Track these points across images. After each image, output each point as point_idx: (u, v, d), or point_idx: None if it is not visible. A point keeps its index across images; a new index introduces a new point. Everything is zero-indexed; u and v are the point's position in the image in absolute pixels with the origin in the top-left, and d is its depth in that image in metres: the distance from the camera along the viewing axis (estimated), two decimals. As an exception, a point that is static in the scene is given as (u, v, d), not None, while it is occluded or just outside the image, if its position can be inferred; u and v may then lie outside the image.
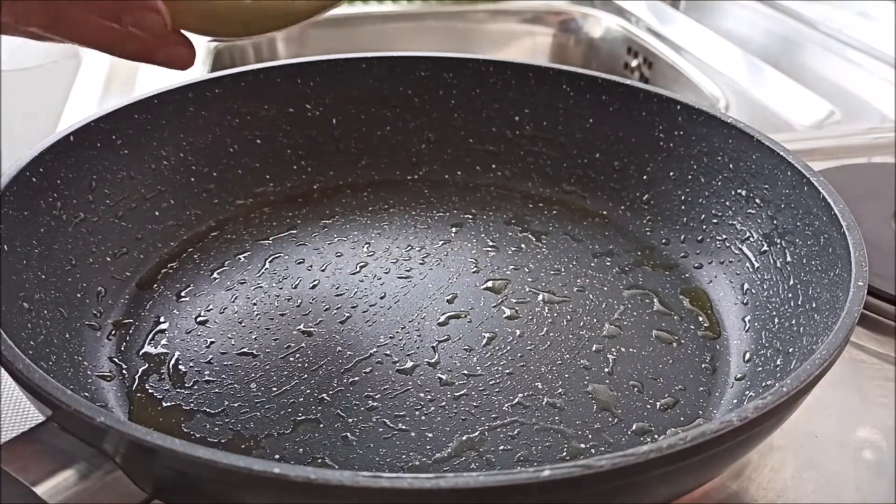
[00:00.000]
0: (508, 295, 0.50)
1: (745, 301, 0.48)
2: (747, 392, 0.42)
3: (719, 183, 0.53)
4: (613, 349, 0.46)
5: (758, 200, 0.51)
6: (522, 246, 0.55)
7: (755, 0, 1.15)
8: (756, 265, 0.49)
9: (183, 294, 0.49)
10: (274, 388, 0.43)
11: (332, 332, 0.47)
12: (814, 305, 0.43)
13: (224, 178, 0.57)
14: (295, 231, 0.55)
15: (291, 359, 0.45)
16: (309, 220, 0.56)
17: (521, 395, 0.43)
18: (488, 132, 0.61)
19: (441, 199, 0.59)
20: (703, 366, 0.45)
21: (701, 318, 0.49)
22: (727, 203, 0.53)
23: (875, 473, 0.43)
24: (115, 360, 0.44)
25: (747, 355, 0.45)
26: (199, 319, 0.47)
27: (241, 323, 0.47)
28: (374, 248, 0.54)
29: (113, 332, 0.46)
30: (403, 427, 0.41)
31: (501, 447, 0.40)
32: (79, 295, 0.46)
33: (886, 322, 0.53)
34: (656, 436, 0.41)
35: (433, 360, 0.45)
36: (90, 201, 0.49)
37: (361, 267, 0.52)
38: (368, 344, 0.46)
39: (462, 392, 0.43)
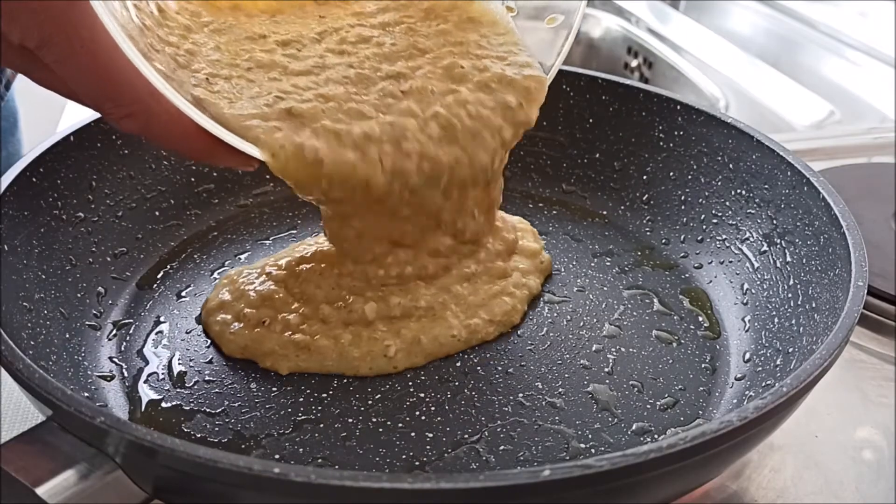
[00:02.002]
0: (508, 295, 0.50)
1: (745, 301, 0.48)
2: (747, 392, 0.42)
3: (719, 183, 0.53)
4: (613, 349, 0.46)
5: (758, 200, 0.51)
6: (522, 246, 0.55)
7: (755, 0, 1.15)
8: (756, 265, 0.49)
9: (183, 294, 0.49)
10: (274, 389, 0.43)
11: (332, 332, 0.47)
12: (814, 305, 0.43)
13: (224, 178, 0.57)
14: (295, 231, 0.55)
15: (291, 359, 0.45)
16: (309, 220, 0.56)
17: (521, 395, 0.43)
18: (488, 132, 0.61)
19: (441, 199, 0.59)
20: (703, 366, 0.45)
21: (701, 318, 0.49)
22: (727, 203, 0.53)
23: (875, 473, 0.43)
24: (115, 360, 0.44)
25: (747, 355, 0.45)
26: (199, 319, 0.47)
27: (241, 323, 0.47)
28: (374, 248, 0.54)
29: (113, 332, 0.46)
30: (403, 427, 0.41)
31: (501, 447, 0.40)
32: (79, 295, 0.46)
33: (886, 322, 0.53)
34: (656, 436, 0.41)
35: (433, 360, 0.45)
36: (90, 201, 0.49)
37: (361, 267, 0.52)
38: (368, 344, 0.46)
39: (462, 392, 0.43)
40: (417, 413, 0.41)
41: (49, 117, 0.79)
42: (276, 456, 0.39)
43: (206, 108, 0.38)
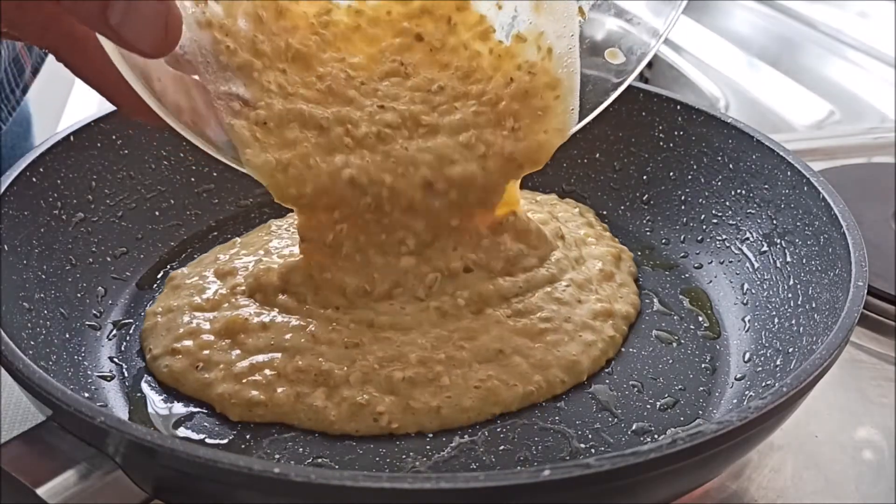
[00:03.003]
0: (508, 295, 0.50)
1: (745, 301, 0.48)
2: (747, 392, 0.42)
3: (719, 183, 0.53)
4: (613, 349, 0.46)
5: (758, 200, 0.51)
6: (522, 246, 0.55)
7: (755, 0, 1.15)
8: (756, 265, 0.49)
9: (183, 294, 0.49)
10: (274, 388, 0.42)
11: (332, 332, 0.47)
12: (814, 305, 0.43)
13: (224, 178, 0.57)
14: (295, 231, 0.55)
15: (291, 359, 0.44)
16: (309, 220, 0.56)
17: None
18: (488, 132, 0.61)
19: (441, 199, 0.59)
20: (703, 366, 0.45)
21: (701, 318, 0.49)
22: (727, 203, 0.53)
23: (875, 473, 0.43)
24: (115, 360, 0.44)
25: (747, 355, 0.45)
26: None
27: (241, 323, 0.47)
28: (374, 248, 0.54)
29: (113, 332, 0.46)
30: (403, 427, 0.41)
31: (501, 447, 0.40)
32: (79, 295, 0.46)
33: (886, 322, 0.53)
34: (656, 436, 0.41)
35: (433, 360, 0.45)
36: (90, 201, 0.49)
37: (361, 267, 0.52)
38: (368, 344, 0.46)
39: (462, 392, 0.43)
40: (417, 413, 0.41)
41: (49, 117, 0.79)
42: (277, 456, 0.39)
43: (229, 135, 0.40)
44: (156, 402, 0.41)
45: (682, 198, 0.55)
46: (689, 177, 0.55)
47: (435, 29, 0.45)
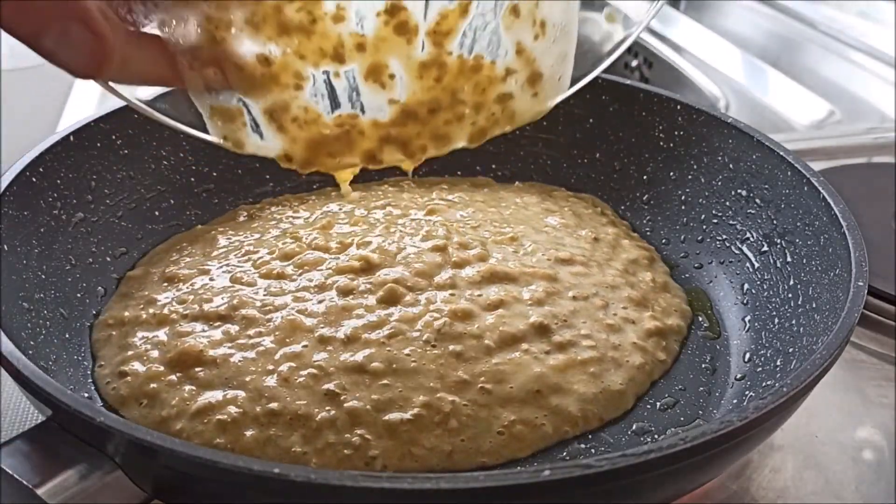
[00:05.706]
0: (508, 295, 0.50)
1: (745, 301, 0.48)
2: (747, 392, 0.42)
3: (719, 183, 0.53)
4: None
5: (758, 200, 0.51)
6: (522, 246, 0.55)
7: (755, 0, 1.15)
8: (756, 265, 0.49)
9: (183, 294, 0.49)
10: (274, 388, 0.42)
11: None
12: (814, 305, 0.43)
13: (224, 178, 0.57)
14: (295, 231, 0.55)
15: (291, 359, 0.44)
16: (309, 220, 0.56)
17: (521, 395, 0.43)
18: (488, 132, 0.61)
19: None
20: (703, 366, 0.45)
21: (701, 318, 0.49)
22: (727, 203, 0.53)
23: (875, 473, 0.43)
24: (115, 360, 0.44)
25: (747, 355, 0.45)
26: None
27: (241, 323, 0.47)
28: (374, 248, 0.54)
29: (113, 332, 0.46)
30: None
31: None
32: (79, 295, 0.46)
33: (886, 322, 0.53)
34: (656, 436, 0.41)
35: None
36: (90, 201, 0.49)
37: (361, 267, 0.52)
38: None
39: (462, 392, 0.43)
40: (417, 413, 0.41)
41: (49, 117, 0.79)
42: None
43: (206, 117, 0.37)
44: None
45: (682, 198, 0.55)
46: (689, 177, 0.55)
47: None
